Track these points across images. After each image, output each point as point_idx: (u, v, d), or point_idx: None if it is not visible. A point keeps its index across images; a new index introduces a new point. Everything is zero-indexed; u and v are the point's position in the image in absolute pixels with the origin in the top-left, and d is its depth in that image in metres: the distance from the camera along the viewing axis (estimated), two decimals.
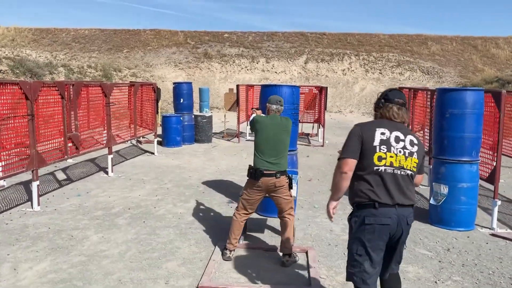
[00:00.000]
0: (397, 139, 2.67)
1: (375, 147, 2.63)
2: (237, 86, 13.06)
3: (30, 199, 6.12)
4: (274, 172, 4.12)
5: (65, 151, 6.52)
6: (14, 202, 6.16)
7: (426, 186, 7.49)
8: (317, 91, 13.66)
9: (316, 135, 14.26)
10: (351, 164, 2.65)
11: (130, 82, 14.11)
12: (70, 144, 6.78)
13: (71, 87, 6.75)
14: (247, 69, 27.62)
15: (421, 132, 8.42)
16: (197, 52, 28.98)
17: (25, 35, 31.22)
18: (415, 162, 2.69)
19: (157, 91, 14.28)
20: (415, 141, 2.73)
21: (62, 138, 6.50)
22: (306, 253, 4.55)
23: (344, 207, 6.24)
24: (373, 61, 28.07)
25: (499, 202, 5.35)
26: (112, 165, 8.39)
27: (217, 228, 5.23)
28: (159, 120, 12.62)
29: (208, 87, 21.38)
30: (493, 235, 5.20)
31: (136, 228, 5.22)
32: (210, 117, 13.02)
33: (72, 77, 19.19)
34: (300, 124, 15.12)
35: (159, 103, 16.11)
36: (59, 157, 6.43)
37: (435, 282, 3.95)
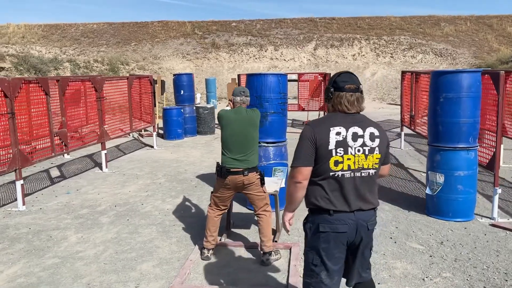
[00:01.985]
0: (355, 137, 2.35)
1: (331, 151, 2.32)
2: (238, 75, 12.79)
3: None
4: (241, 169, 3.89)
5: (52, 148, 6.41)
6: (1, 202, 6.10)
7: (420, 171, 7.20)
8: (321, 78, 13.31)
9: None
10: (305, 172, 2.35)
11: (129, 75, 13.99)
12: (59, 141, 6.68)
13: (57, 82, 6.61)
14: (256, 58, 27.28)
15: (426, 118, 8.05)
16: (205, 43, 28.74)
17: (35, 32, 31.44)
18: (377, 158, 2.39)
19: (161, 83, 14.19)
20: (376, 133, 2.41)
21: (49, 136, 6.37)
22: (290, 249, 4.33)
23: None
24: (384, 45, 27.39)
25: (499, 190, 5.02)
26: (107, 161, 8.29)
27: (201, 226, 5.03)
28: (158, 113, 12.49)
29: (215, 77, 21.19)
30: (493, 225, 4.89)
31: (119, 227, 5.07)
32: (212, 108, 12.82)
33: (78, 72, 19.20)
34: (306, 112, 14.86)
35: (164, 95, 16.02)
36: (45, 155, 6.32)
37: (423, 279, 3.69)
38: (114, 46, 29.10)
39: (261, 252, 4.08)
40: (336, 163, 2.32)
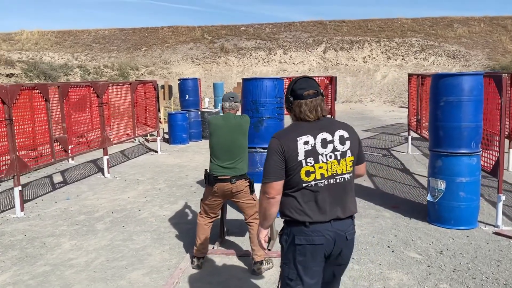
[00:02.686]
0: (324, 143, 2.25)
1: (301, 161, 2.21)
2: (243, 80, 12.73)
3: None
4: (229, 177, 3.80)
5: (52, 154, 6.41)
6: (1, 208, 6.12)
7: (426, 176, 7.06)
8: (327, 81, 13.16)
9: None
10: (277, 187, 2.24)
11: (134, 80, 14.06)
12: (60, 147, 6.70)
13: (57, 89, 6.63)
14: (264, 62, 27.23)
15: None
16: (214, 47, 28.81)
17: (48, 38, 31.90)
18: (350, 161, 2.30)
19: (168, 88, 14.22)
20: (346, 135, 2.30)
21: (48, 142, 6.39)
22: None
23: None
24: (395, 47, 27.08)
25: (503, 197, 4.85)
26: (110, 167, 8.30)
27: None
28: (164, 117, 12.51)
29: (223, 81, 21.17)
30: (496, 233, 4.71)
31: (113, 234, 5.03)
32: (218, 112, 12.78)
33: (88, 78, 19.38)
34: None
35: (171, 100, 16.06)
36: (45, 161, 6.33)
37: None
38: (124, 52, 29.35)
39: (253, 261, 3.99)
40: (308, 173, 2.21)
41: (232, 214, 5.48)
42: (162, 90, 13.44)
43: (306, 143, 2.23)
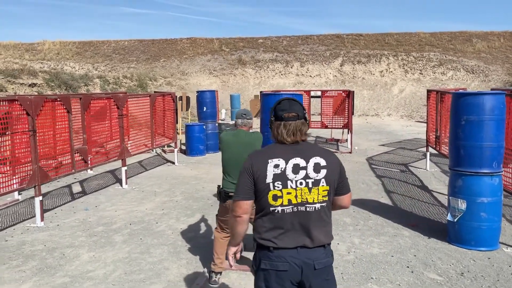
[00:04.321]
0: (296, 169, 2.19)
1: (268, 184, 2.17)
2: (261, 93, 12.82)
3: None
4: None
5: (72, 165, 6.53)
6: (21, 217, 6.23)
7: (445, 194, 6.97)
8: (345, 95, 13.15)
9: (346, 141, 13.73)
10: (244, 206, 2.24)
11: (154, 92, 14.25)
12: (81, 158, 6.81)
13: (79, 100, 6.77)
14: (281, 74, 27.33)
15: None
16: (231, 59, 29.06)
17: (69, 49, 32.62)
18: (324, 190, 2.21)
19: (186, 99, 14.38)
20: (323, 163, 2.22)
21: (69, 153, 6.51)
22: None
23: (356, 221, 5.83)
24: (412, 61, 26.92)
25: None
26: (129, 177, 8.39)
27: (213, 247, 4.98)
28: (180, 129, 12.62)
29: (239, 93, 21.33)
30: None
31: (131, 246, 5.07)
32: (234, 125, 12.85)
33: (108, 88, 19.73)
34: (329, 130, 14.68)
35: (189, 111, 16.22)
36: (65, 171, 6.44)
37: None
38: (143, 62, 29.82)
39: None
40: (275, 197, 2.18)
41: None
42: (180, 101, 13.59)
43: (276, 166, 2.19)
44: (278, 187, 2.19)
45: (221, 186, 4.00)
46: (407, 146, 12.95)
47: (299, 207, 2.20)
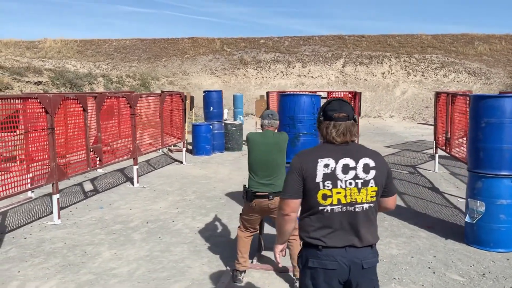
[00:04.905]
0: (346, 169, 2.21)
1: (318, 184, 2.20)
2: (267, 93, 12.84)
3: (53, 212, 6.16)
4: (267, 193, 3.86)
5: (87, 163, 6.53)
6: (37, 215, 6.24)
7: (457, 196, 7.03)
8: (350, 96, 13.18)
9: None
10: (293, 205, 2.26)
11: (161, 91, 14.26)
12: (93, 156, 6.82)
13: (94, 99, 6.78)
14: (283, 75, 27.37)
15: (464, 139, 7.82)
16: (233, 59, 29.08)
17: (71, 47, 32.56)
18: (372, 191, 2.24)
19: (190, 99, 14.39)
20: (372, 164, 2.25)
21: (85, 151, 6.51)
22: None
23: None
24: (414, 63, 27.01)
25: None
26: (139, 176, 8.40)
27: (231, 246, 4.99)
28: (188, 128, 12.62)
29: (242, 93, 21.33)
30: None
31: (150, 244, 5.09)
32: (240, 125, 12.88)
33: (111, 87, 19.70)
34: None
35: (193, 111, 16.22)
36: (81, 169, 6.45)
37: None
38: (145, 62, 29.80)
39: (294, 277, 4.00)
40: (325, 197, 2.21)
41: (268, 228, 5.50)
42: (186, 101, 13.60)
43: (326, 166, 2.21)
44: (328, 186, 2.21)
45: (247, 186, 4.03)
46: (413, 148, 13.00)
47: (348, 207, 2.23)
